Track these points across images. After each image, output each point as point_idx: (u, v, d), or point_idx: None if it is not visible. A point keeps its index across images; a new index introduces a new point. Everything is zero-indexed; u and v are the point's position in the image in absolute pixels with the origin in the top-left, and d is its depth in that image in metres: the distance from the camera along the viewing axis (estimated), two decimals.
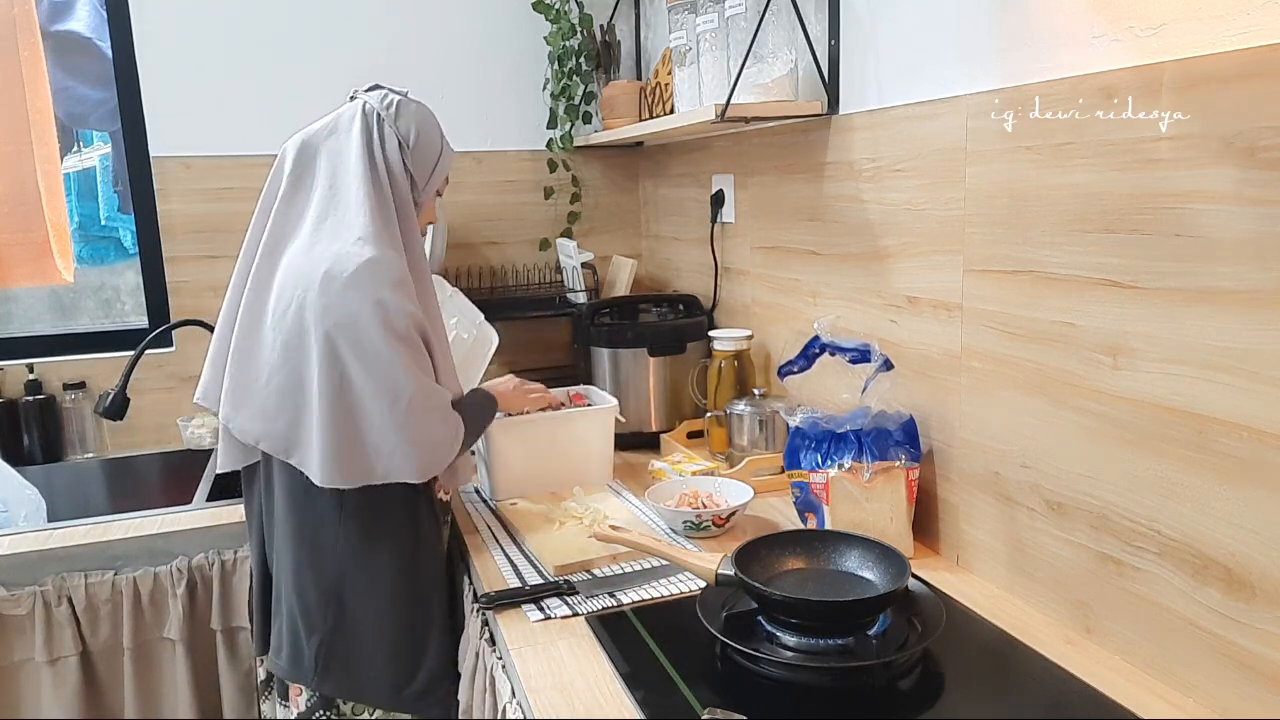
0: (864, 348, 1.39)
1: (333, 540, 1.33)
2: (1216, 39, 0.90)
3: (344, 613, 1.34)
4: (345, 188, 1.33)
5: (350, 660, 1.34)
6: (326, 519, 1.33)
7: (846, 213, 1.58)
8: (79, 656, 1.61)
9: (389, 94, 1.40)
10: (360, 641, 1.34)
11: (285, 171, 1.36)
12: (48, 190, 2.26)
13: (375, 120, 1.37)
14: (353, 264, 1.25)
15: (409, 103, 1.41)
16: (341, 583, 1.34)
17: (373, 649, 1.35)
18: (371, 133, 1.36)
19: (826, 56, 1.57)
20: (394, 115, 1.38)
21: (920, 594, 1.17)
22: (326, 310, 1.24)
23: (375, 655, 1.35)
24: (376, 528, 1.34)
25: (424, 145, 1.40)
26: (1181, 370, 0.97)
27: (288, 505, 1.35)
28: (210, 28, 2.18)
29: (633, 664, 1.10)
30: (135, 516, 1.74)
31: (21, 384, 2.17)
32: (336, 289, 1.24)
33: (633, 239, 2.63)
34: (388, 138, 1.36)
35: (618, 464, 1.81)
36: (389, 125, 1.37)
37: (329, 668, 1.34)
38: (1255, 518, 0.91)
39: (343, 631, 1.34)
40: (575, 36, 2.32)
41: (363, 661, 1.35)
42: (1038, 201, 1.14)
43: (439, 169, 1.45)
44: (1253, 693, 0.93)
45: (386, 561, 1.35)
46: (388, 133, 1.37)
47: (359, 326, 1.24)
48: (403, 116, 1.38)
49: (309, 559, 1.34)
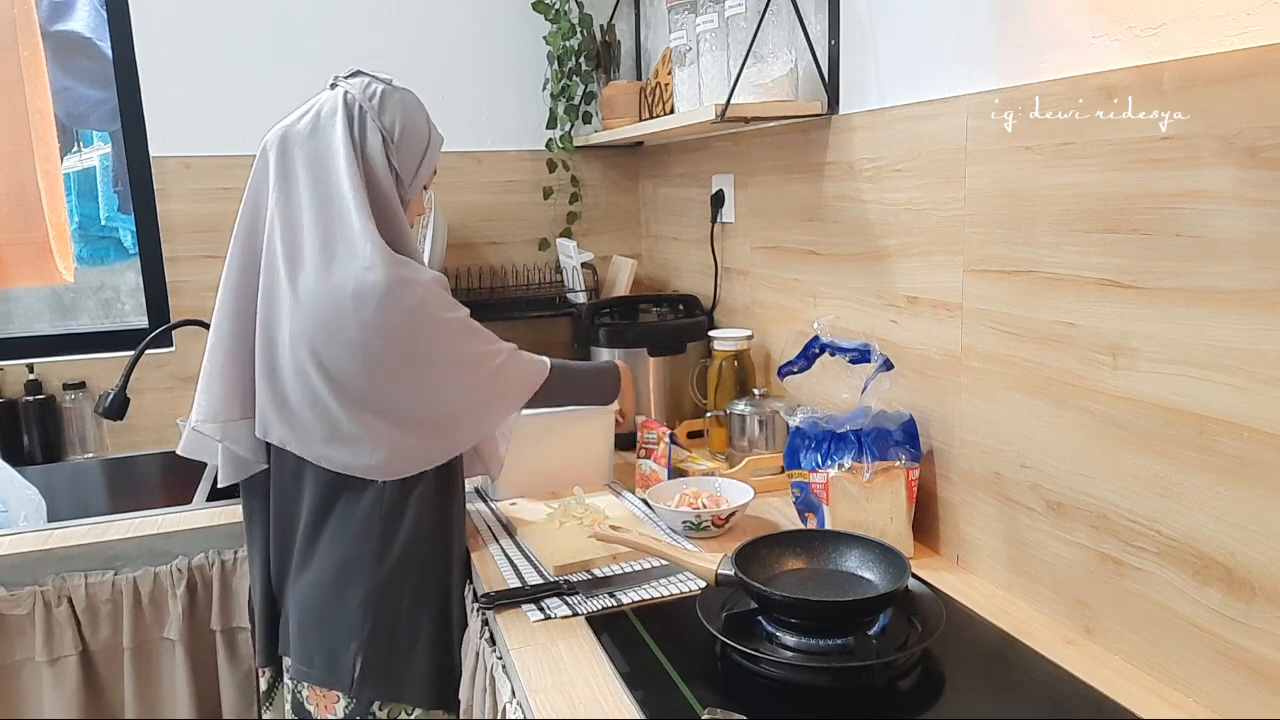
0: (864, 348, 1.39)
1: (372, 545, 1.31)
2: (1216, 39, 0.90)
3: (382, 617, 1.32)
4: (339, 198, 1.26)
5: (391, 663, 1.33)
6: (365, 525, 1.31)
7: (846, 213, 1.58)
8: (79, 656, 1.61)
9: (372, 82, 1.32)
10: (398, 643, 1.33)
11: (270, 169, 1.30)
12: (48, 190, 2.26)
13: (357, 112, 1.29)
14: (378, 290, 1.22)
15: (393, 92, 1.33)
16: (382, 588, 1.32)
17: (410, 650, 1.34)
18: (353, 127, 1.29)
19: (826, 56, 1.57)
20: (378, 108, 1.30)
21: (920, 594, 1.17)
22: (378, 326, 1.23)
23: (413, 656, 1.34)
24: (415, 531, 1.33)
25: (410, 139, 1.33)
26: (1181, 370, 0.97)
27: (319, 513, 1.33)
28: (210, 28, 2.18)
29: (633, 664, 1.10)
30: (135, 517, 1.74)
31: (21, 384, 2.16)
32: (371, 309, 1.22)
33: (633, 239, 2.63)
34: (370, 133, 1.29)
35: (618, 464, 1.81)
36: (371, 119, 1.30)
37: (367, 673, 1.31)
38: (1255, 518, 0.91)
39: (381, 635, 1.32)
40: (575, 36, 2.32)
41: (402, 663, 1.34)
42: (1038, 201, 1.14)
43: (426, 162, 1.37)
44: (1253, 693, 0.93)
45: (422, 563, 1.34)
46: (370, 128, 1.29)
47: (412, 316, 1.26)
48: (387, 109, 1.31)
49: (345, 566, 1.32)
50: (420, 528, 1.34)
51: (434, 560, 1.36)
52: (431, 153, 1.38)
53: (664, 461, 1.67)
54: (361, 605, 1.31)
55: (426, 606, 1.35)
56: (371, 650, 1.32)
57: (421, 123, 1.36)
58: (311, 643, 1.35)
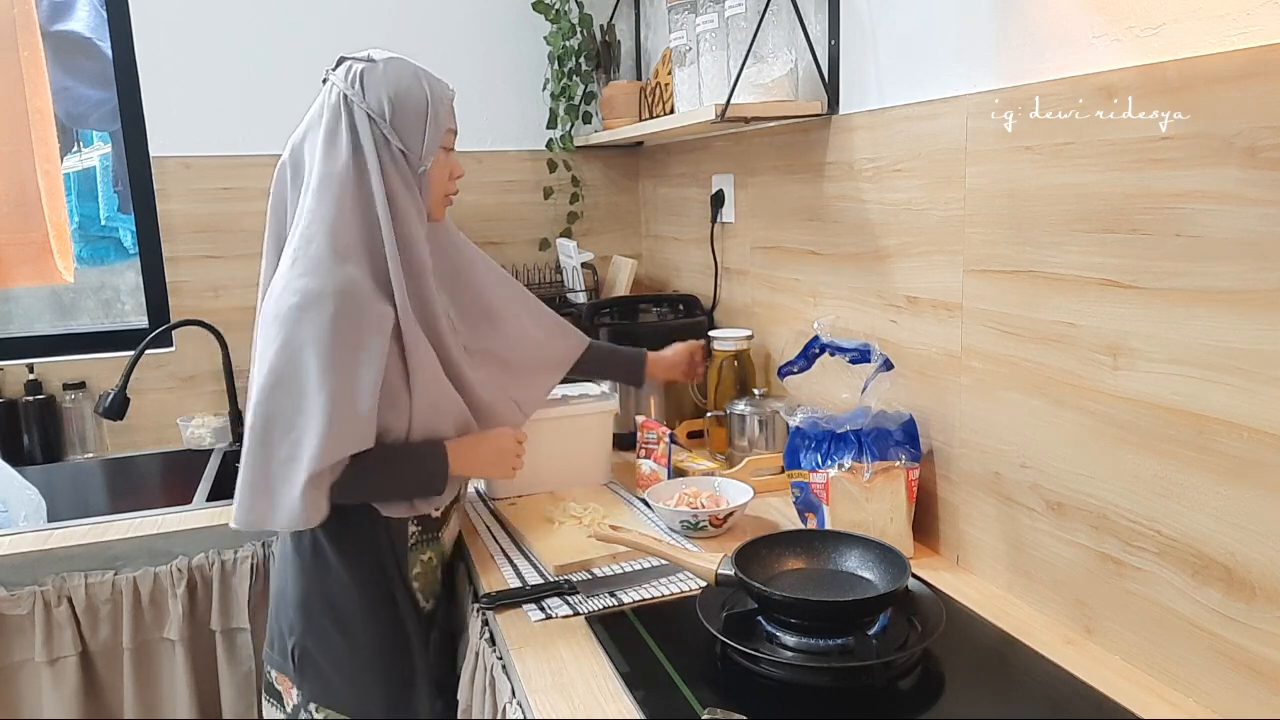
0: (864, 348, 1.39)
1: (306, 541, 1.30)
2: (1216, 39, 0.90)
3: (316, 615, 1.30)
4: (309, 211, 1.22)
5: (328, 664, 1.31)
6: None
7: (846, 213, 1.58)
8: (79, 656, 1.61)
9: (352, 65, 1.25)
10: (333, 645, 1.30)
11: (288, 179, 1.29)
12: (48, 190, 2.26)
13: (343, 105, 1.23)
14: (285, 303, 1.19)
15: (373, 67, 1.24)
16: (320, 585, 1.30)
17: (349, 654, 1.30)
18: (340, 123, 1.23)
19: (826, 56, 1.57)
20: (361, 92, 1.23)
21: (920, 594, 1.17)
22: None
23: (353, 661, 1.30)
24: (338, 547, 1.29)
25: (405, 110, 1.25)
26: (1181, 370, 0.97)
27: None
28: (210, 28, 2.18)
29: (633, 664, 1.10)
30: (135, 516, 1.74)
31: (21, 384, 2.16)
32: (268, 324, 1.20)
33: (633, 239, 2.63)
34: (359, 122, 1.23)
35: (617, 464, 1.81)
36: (358, 106, 1.23)
37: (305, 668, 1.31)
38: (1255, 518, 0.91)
39: (314, 634, 1.30)
40: (575, 36, 2.33)
41: (338, 667, 1.31)
42: (1038, 201, 1.14)
43: (433, 126, 1.28)
44: (1253, 693, 0.93)
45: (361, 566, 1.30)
46: (359, 116, 1.23)
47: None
48: (370, 89, 1.23)
49: (290, 555, 1.32)
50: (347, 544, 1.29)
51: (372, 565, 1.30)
52: (436, 114, 1.28)
53: (664, 461, 1.67)
54: (299, 599, 1.31)
55: (369, 612, 1.30)
56: (308, 646, 1.30)
57: (415, 88, 1.26)
58: (272, 624, 1.36)
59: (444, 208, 1.40)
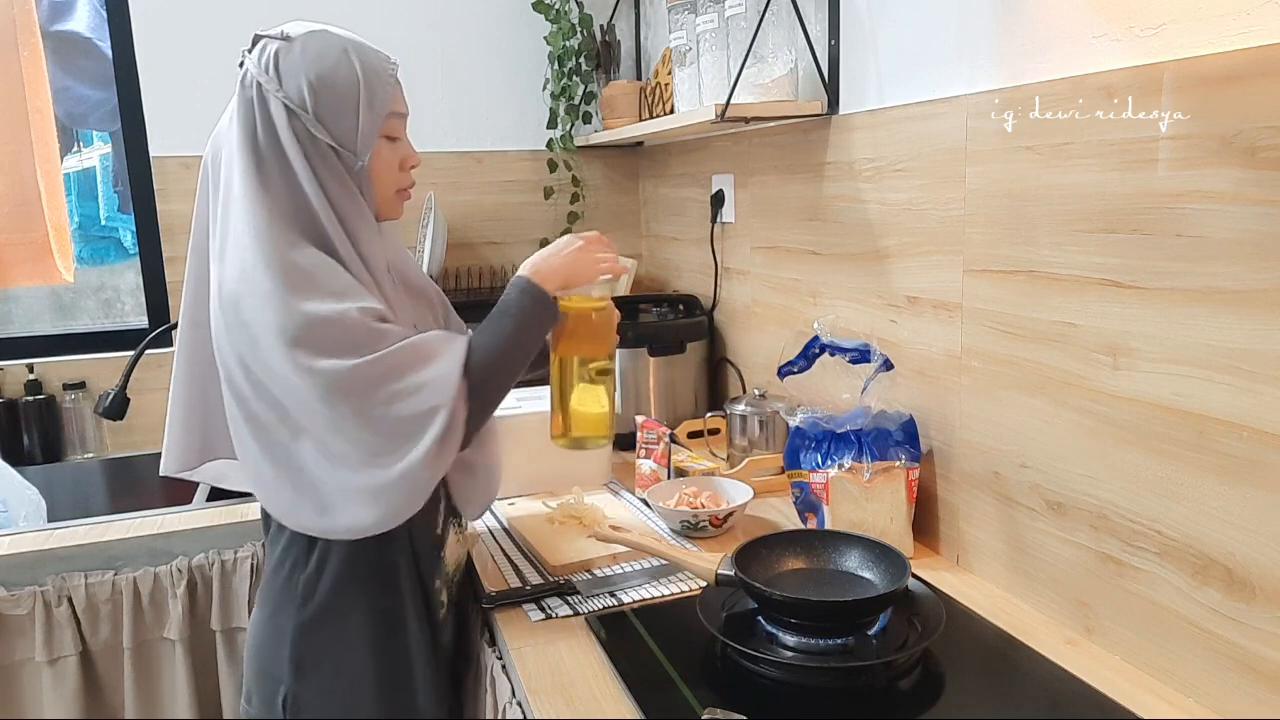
0: (864, 348, 1.39)
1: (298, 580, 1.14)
2: (1216, 39, 0.90)
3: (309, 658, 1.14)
4: (233, 197, 1.05)
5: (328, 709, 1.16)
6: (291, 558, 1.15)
7: (846, 213, 1.58)
8: (79, 656, 1.61)
9: (266, 45, 1.05)
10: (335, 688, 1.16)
11: (208, 181, 1.12)
12: (48, 190, 2.26)
13: (256, 93, 1.04)
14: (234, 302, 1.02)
15: (289, 47, 1.04)
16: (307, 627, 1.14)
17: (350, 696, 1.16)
18: (254, 114, 1.04)
19: (826, 56, 1.57)
20: (276, 78, 1.03)
21: (920, 594, 1.17)
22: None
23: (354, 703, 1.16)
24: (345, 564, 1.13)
25: (329, 93, 1.04)
26: (1181, 370, 0.97)
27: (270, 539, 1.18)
28: (210, 28, 2.18)
29: (633, 664, 1.10)
30: (135, 517, 1.74)
31: (21, 384, 2.16)
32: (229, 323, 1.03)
33: (633, 239, 2.63)
34: (275, 112, 1.03)
35: (617, 464, 1.81)
36: (272, 95, 1.03)
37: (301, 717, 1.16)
38: (1255, 518, 0.91)
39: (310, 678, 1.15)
40: (575, 36, 2.32)
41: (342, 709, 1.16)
42: (1038, 201, 1.14)
43: (367, 109, 1.06)
44: (1253, 693, 0.93)
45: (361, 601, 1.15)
46: (273, 106, 1.03)
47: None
48: (287, 74, 1.03)
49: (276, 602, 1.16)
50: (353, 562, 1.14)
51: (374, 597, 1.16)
52: (370, 97, 1.07)
53: (664, 461, 1.66)
54: (290, 646, 1.14)
55: (370, 647, 1.15)
56: (303, 694, 1.14)
57: (341, 67, 1.05)
58: (250, 679, 1.20)
59: (399, 204, 1.19)
